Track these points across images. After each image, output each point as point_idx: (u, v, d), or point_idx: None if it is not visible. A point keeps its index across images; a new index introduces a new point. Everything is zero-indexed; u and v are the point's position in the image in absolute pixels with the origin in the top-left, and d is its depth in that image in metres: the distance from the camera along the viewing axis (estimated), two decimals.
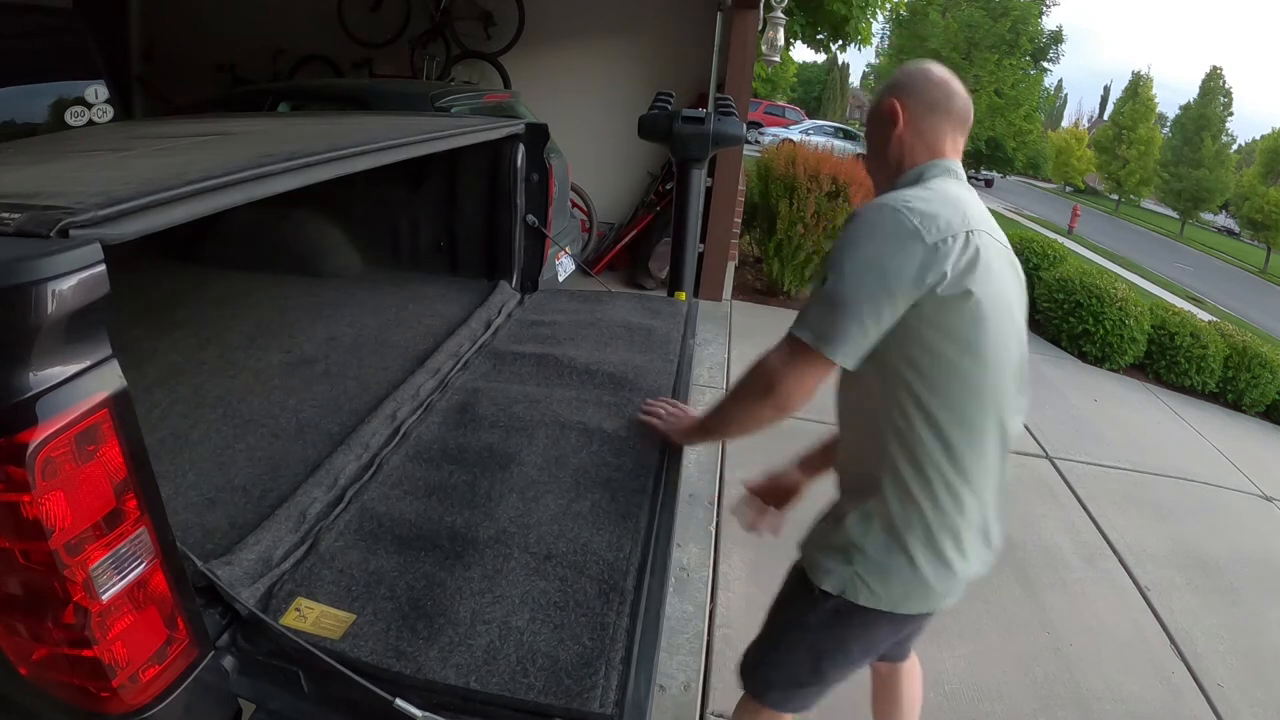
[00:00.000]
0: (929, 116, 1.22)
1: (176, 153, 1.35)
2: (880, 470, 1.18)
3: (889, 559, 1.19)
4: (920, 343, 1.10)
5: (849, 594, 1.21)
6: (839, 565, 1.21)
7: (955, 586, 1.23)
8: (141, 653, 0.85)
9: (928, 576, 1.18)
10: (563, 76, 5.51)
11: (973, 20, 19.38)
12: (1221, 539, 3.46)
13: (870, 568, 1.19)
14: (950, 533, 1.19)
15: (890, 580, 1.19)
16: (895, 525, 1.18)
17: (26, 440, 0.70)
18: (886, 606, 1.20)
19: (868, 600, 1.20)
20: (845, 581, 1.21)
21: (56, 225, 0.73)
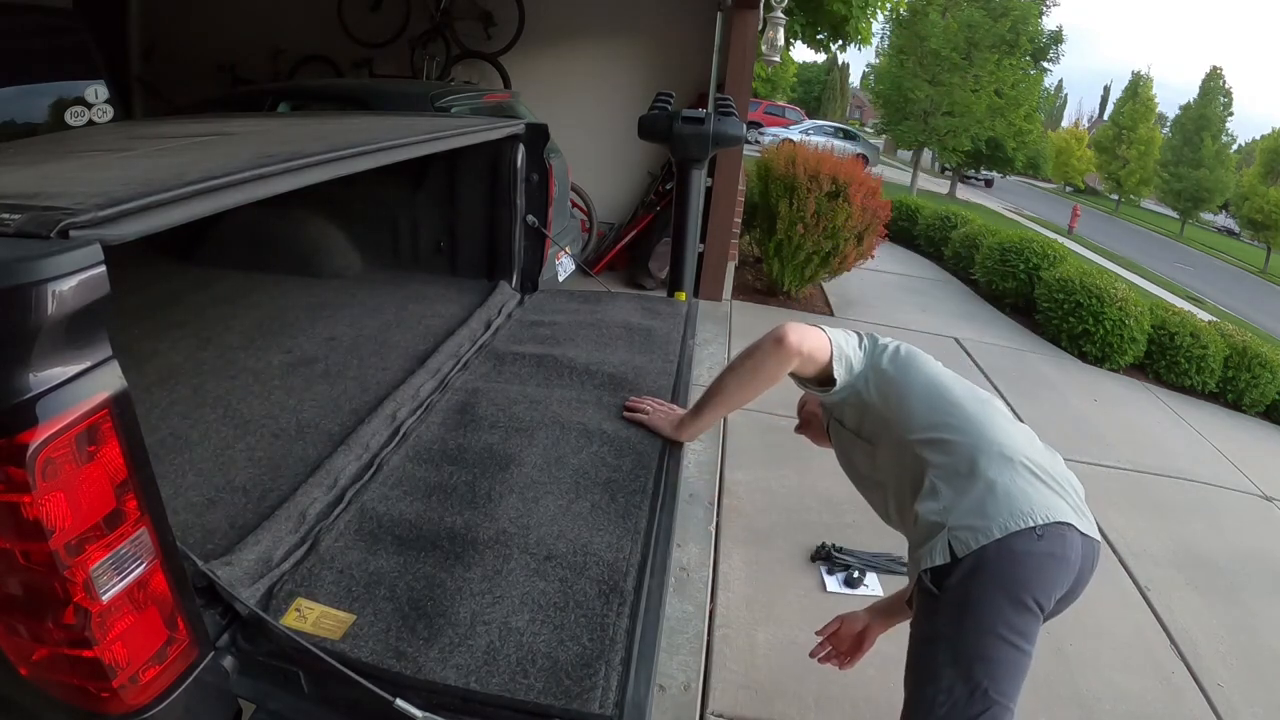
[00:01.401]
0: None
1: (176, 153, 1.35)
2: (920, 466, 1.34)
3: (977, 491, 1.24)
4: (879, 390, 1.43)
5: (958, 549, 1.21)
6: (938, 536, 1.24)
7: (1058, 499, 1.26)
8: (142, 653, 0.85)
9: (1009, 494, 1.23)
10: (563, 76, 5.51)
11: (973, 20, 19.33)
12: (1221, 539, 3.45)
13: (964, 513, 1.23)
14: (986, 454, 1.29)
15: (987, 510, 1.22)
16: (957, 472, 1.28)
17: (27, 441, 0.70)
18: (998, 531, 1.20)
19: (974, 541, 1.20)
20: (949, 542, 1.22)
21: (56, 226, 0.73)
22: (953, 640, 1.21)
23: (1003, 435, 1.33)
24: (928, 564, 1.23)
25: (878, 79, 22.58)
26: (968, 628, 1.21)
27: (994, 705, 1.19)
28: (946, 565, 1.22)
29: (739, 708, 2.04)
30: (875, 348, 1.48)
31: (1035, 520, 1.21)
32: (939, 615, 1.23)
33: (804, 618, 2.41)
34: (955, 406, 1.38)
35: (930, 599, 1.25)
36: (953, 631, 1.21)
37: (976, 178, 32.39)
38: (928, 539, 1.25)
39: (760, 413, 1.36)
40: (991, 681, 1.19)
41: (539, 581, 1.09)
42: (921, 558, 1.26)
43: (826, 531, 2.83)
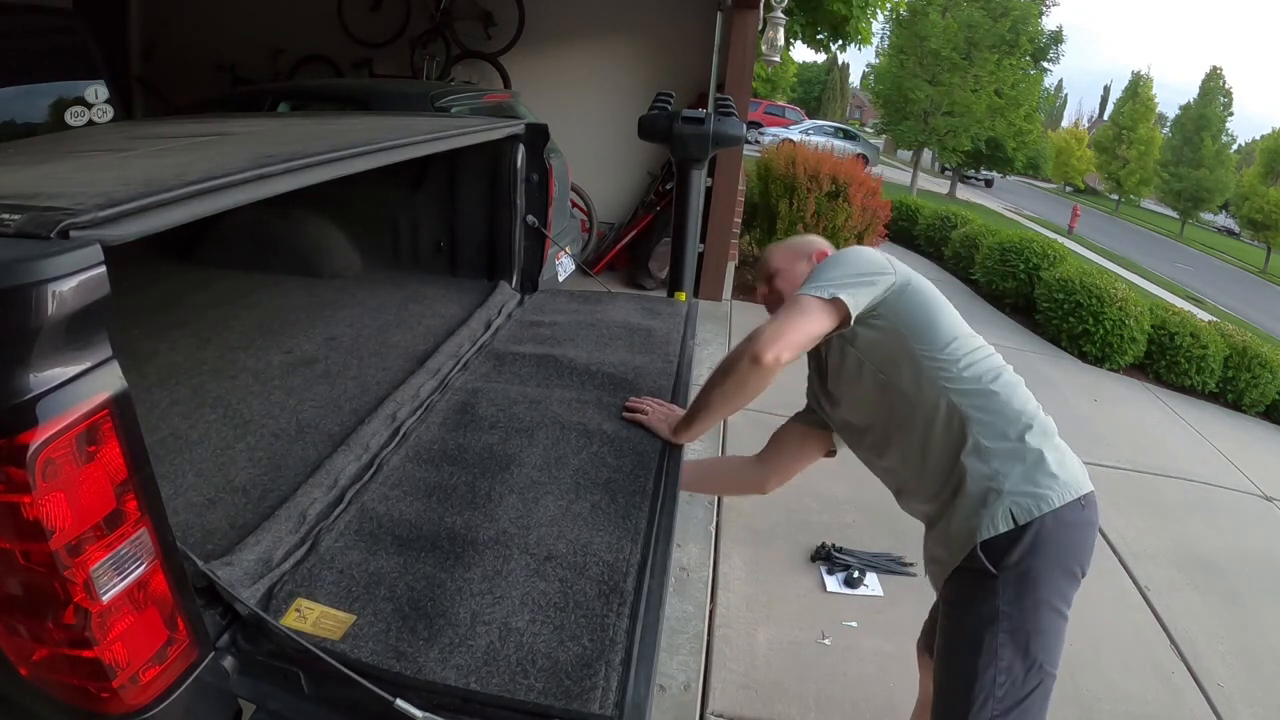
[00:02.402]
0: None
1: (176, 153, 1.35)
2: (958, 408, 1.30)
3: (1029, 466, 1.25)
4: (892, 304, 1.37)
5: (1019, 516, 1.22)
6: (995, 504, 1.23)
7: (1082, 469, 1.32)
8: (142, 653, 0.85)
9: (1062, 462, 1.27)
10: (563, 77, 5.51)
11: (973, 20, 19.32)
12: (1221, 539, 3.46)
13: (1020, 479, 1.24)
14: (1036, 411, 1.33)
15: (1041, 479, 1.24)
16: (1006, 432, 1.27)
17: (27, 441, 0.70)
18: (1059, 502, 1.23)
19: (1040, 508, 1.22)
20: (1010, 509, 1.22)
21: (57, 226, 0.73)
22: (1013, 618, 1.22)
23: (1032, 401, 1.35)
24: (989, 533, 1.22)
25: (878, 79, 22.57)
26: (1028, 605, 1.22)
27: (1046, 678, 1.24)
28: (1004, 537, 1.22)
29: (739, 708, 2.04)
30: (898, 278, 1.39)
31: (1081, 490, 1.26)
32: (998, 595, 1.22)
33: (804, 618, 2.42)
34: (991, 363, 1.36)
35: (985, 579, 1.23)
36: (1014, 610, 1.22)
37: (976, 178, 32.38)
38: (980, 506, 1.24)
39: (761, 413, 1.36)
40: (1045, 654, 1.24)
41: (539, 582, 1.09)
42: (978, 525, 1.23)
43: (826, 531, 2.83)
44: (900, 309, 1.36)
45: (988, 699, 1.22)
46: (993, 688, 1.22)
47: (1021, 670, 1.23)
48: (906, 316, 1.35)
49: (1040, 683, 1.24)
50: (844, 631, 2.39)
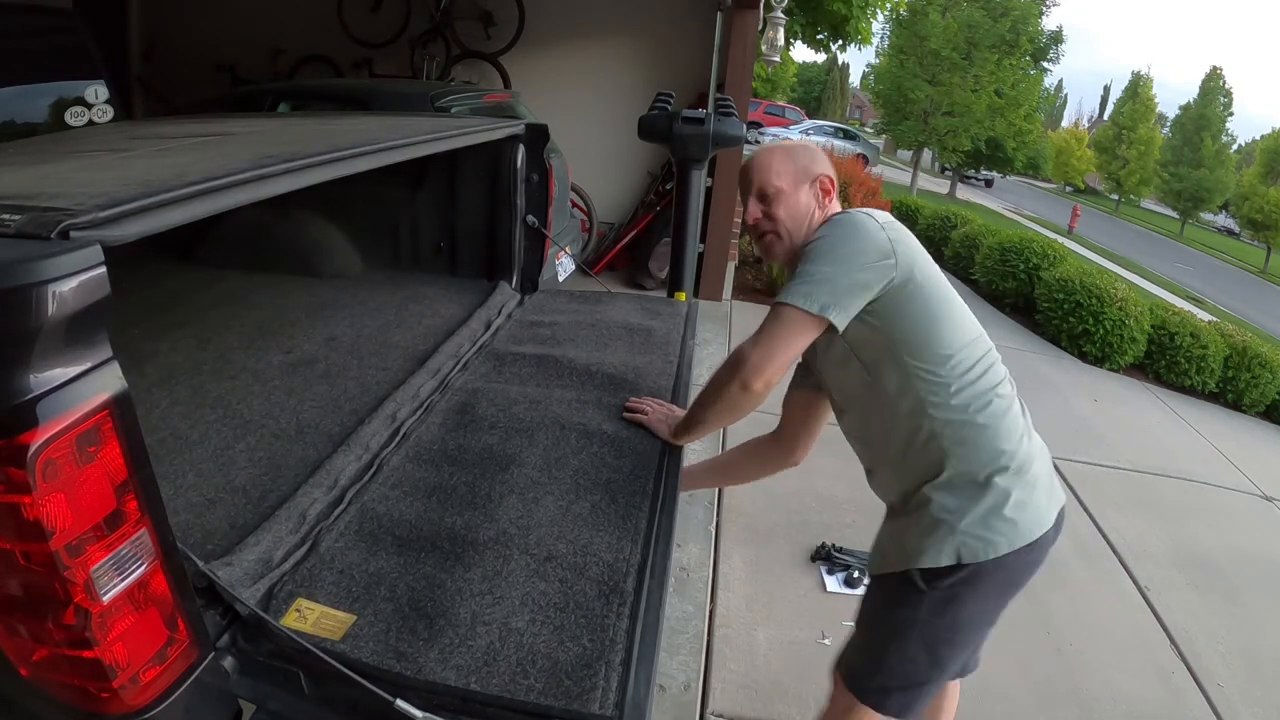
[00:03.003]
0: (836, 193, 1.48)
1: (177, 153, 1.35)
2: (937, 435, 1.26)
3: (987, 507, 1.24)
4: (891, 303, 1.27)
5: (965, 557, 1.24)
6: (946, 538, 1.25)
7: (1049, 506, 1.32)
8: (142, 654, 0.85)
9: (1027, 502, 1.26)
10: (563, 76, 5.51)
11: (973, 20, 19.32)
12: (1221, 539, 3.46)
13: (974, 522, 1.24)
14: (1019, 442, 1.28)
15: (995, 524, 1.24)
16: (975, 473, 1.25)
17: (27, 442, 0.70)
18: (1006, 548, 1.24)
19: (986, 554, 1.24)
20: (958, 548, 1.24)
21: (57, 227, 0.73)
22: (931, 627, 1.29)
23: (1016, 432, 1.29)
24: (932, 564, 1.25)
25: (878, 79, 22.58)
26: (947, 622, 1.29)
27: (945, 674, 1.37)
28: (945, 569, 1.25)
29: (739, 708, 2.04)
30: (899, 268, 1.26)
31: (1034, 536, 1.27)
32: (920, 607, 1.28)
33: (804, 618, 2.42)
34: (985, 384, 1.28)
35: (912, 590, 1.28)
36: (934, 621, 1.29)
37: (976, 178, 32.38)
38: (931, 534, 1.26)
39: (760, 412, 1.37)
40: (951, 657, 1.34)
41: (539, 582, 1.09)
42: (922, 551, 1.26)
43: (826, 531, 2.83)
44: (897, 311, 1.26)
45: (889, 675, 1.35)
46: (896, 669, 1.34)
47: (926, 665, 1.32)
48: (903, 321, 1.26)
49: (939, 676, 1.36)
50: (844, 631, 2.39)
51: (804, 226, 1.39)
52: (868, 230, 1.28)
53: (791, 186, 1.39)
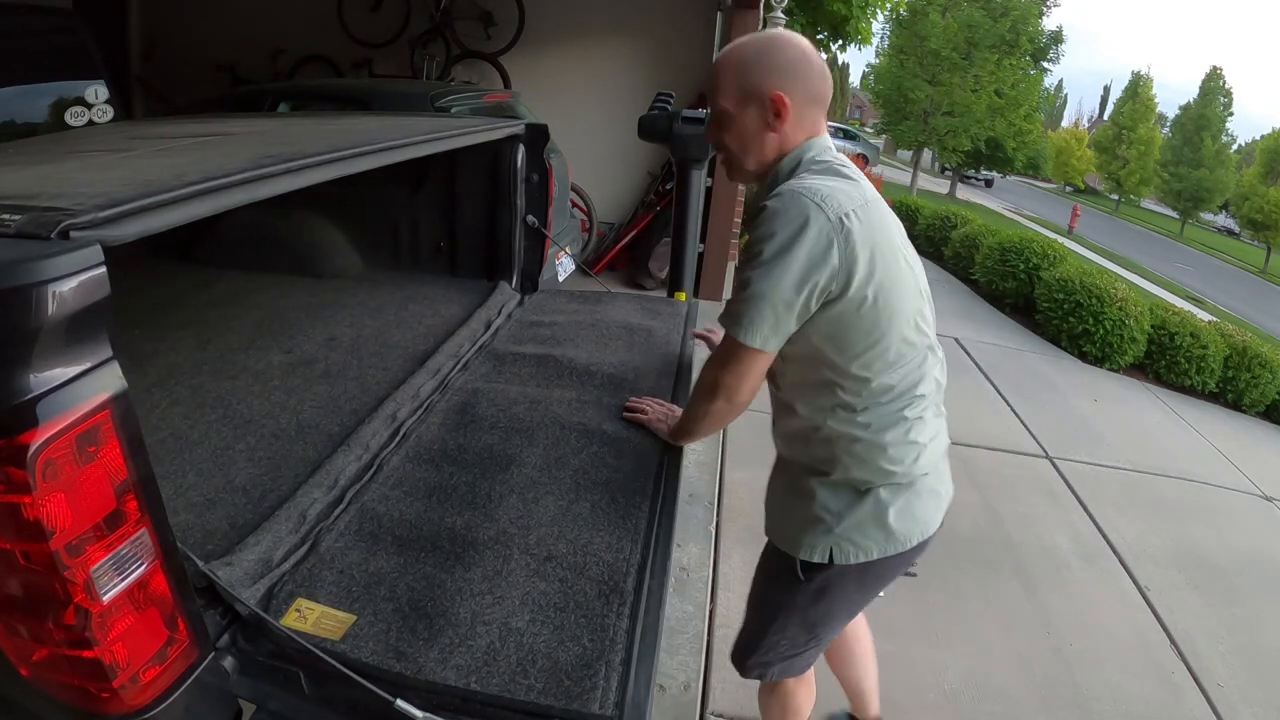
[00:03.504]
0: (812, 106, 1.22)
1: (177, 153, 1.35)
2: (832, 441, 1.24)
3: (864, 513, 1.24)
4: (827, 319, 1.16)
5: (838, 558, 1.26)
6: (822, 536, 1.27)
7: (935, 512, 1.31)
8: (142, 654, 0.85)
9: (906, 516, 1.25)
10: (563, 76, 5.51)
11: (973, 20, 19.32)
12: (1221, 539, 3.46)
13: (850, 527, 1.25)
14: (910, 463, 1.24)
15: (869, 531, 1.25)
16: (859, 482, 1.24)
17: (28, 442, 0.70)
18: (875, 555, 1.26)
19: (857, 558, 1.26)
20: (831, 548, 1.26)
21: (57, 227, 0.73)
22: (806, 612, 1.36)
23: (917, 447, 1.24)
24: (807, 557, 1.28)
25: (878, 79, 22.57)
26: (822, 608, 1.36)
27: (822, 645, 1.45)
28: (819, 564, 1.28)
29: (739, 708, 2.04)
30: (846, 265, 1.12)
31: (911, 544, 1.27)
32: (798, 594, 1.33)
33: None
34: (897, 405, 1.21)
35: (793, 577, 1.32)
36: (809, 607, 1.35)
37: (976, 178, 32.39)
38: (810, 529, 1.28)
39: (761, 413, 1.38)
40: (826, 632, 1.42)
41: (539, 582, 1.09)
42: (800, 544, 1.29)
43: None
44: (828, 325, 1.16)
45: (769, 650, 1.43)
46: (776, 642, 1.41)
47: (803, 640, 1.40)
48: (832, 337, 1.17)
49: (815, 647, 1.44)
50: None
51: (753, 153, 1.24)
52: (810, 235, 1.10)
53: (737, 108, 1.22)
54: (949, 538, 2.99)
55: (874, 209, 1.18)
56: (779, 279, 1.11)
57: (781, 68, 1.19)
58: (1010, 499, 3.40)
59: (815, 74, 1.21)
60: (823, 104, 1.24)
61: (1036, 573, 2.87)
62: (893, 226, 1.23)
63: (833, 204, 1.11)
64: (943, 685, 2.24)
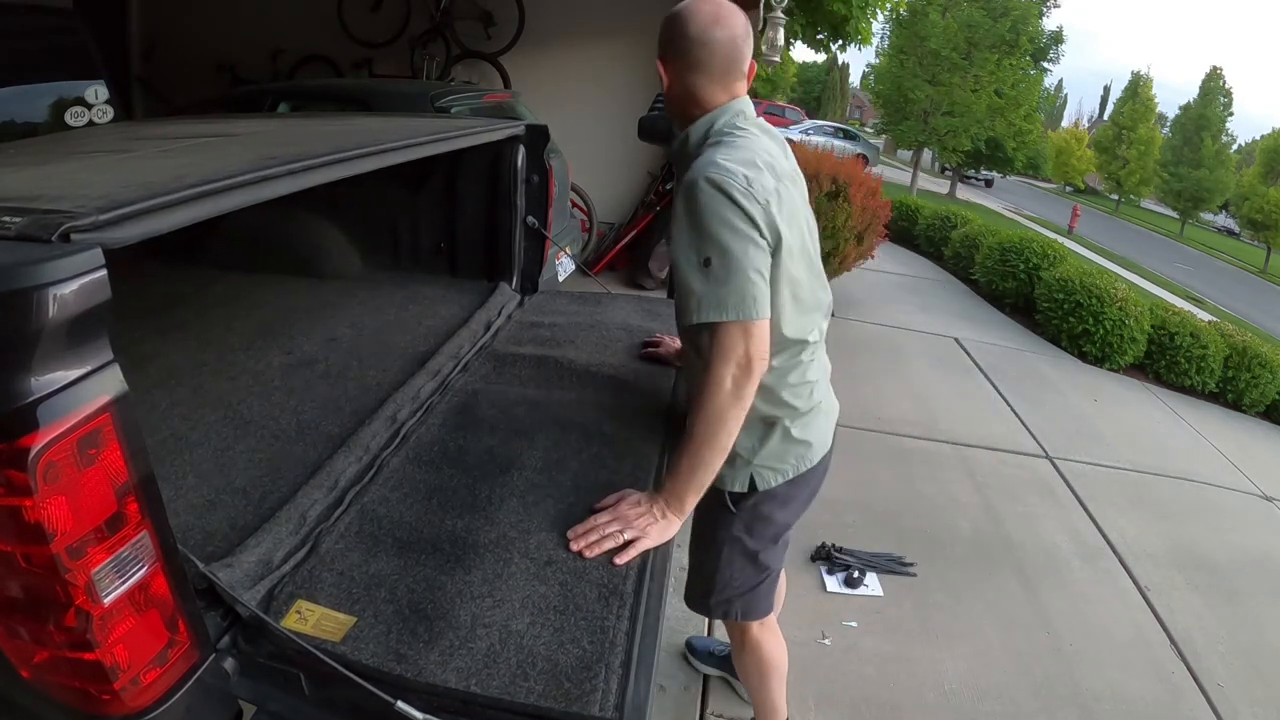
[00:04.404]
0: (719, 70, 1.29)
1: (177, 155, 1.35)
2: None
3: (775, 443, 1.41)
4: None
5: (759, 484, 1.42)
6: (741, 468, 1.42)
7: (828, 429, 1.51)
8: (143, 655, 0.85)
9: (807, 436, 1.43)
10: (563, 76, 5.51)
11: (973, 20, 19.30)
12: (1221, 539, 3.46)
13: (766, 457, 1.41)
14: (808, 398, 1.42)
15: (783, 457, 1.42)
16: (767, 418, 1.39)
17: (28, 445, 0.70)
18: (791, 474, 1.43)
19: (775, 480, 1.43)
20: (752, 475, 1.42)
21: (58, 229, 0.73)
22: (744, 542, 1.48)
23: (811, 381, 1.42)
24: (731, 488, 1.43)
25: (878, 79, 22.55)
26: (757, 533, 1.48)
27: (772, 572, 1.56)
28: (743, 493, 1.44)
29: (739, 708, 2.04)
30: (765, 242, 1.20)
31: (815, 460, 1.46)
32: (733, 525, 1.47)
33: (804, 618, 2.42)
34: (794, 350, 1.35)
35: (725, 511, 1.46)
36: (745, 537, 1.48)
37: (976, 178, 32.36)
38: (730, 465, 1.39)
39: None
40: (770, 559, 1.53)
41: (539, 585, 1.09)
42: (723, 479, 1.41)
43: (826, 531, 2.83)
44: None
45: (725, 586, 1.53)
46: (727, 579, 1.52)
47: (751, 571, 1.52)
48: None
49: (767, 576, 1.55)
50: (844, 631, 2.40)
51: (676, 112, 1.36)
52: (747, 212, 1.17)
53: (661, 66, 1.33)
54: (949, 538, 3.00)
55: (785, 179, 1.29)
56: (733, 260, 1.17)
57: (688, 31, 1.27)
58: (1010, 499, 3.41)
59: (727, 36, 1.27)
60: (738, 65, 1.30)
61: (1036, 572, 2.87)
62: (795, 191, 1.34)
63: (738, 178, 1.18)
64: (943, 685, 2.24)
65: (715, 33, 1.26)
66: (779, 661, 1.71)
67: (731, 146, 1.25)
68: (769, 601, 1.60)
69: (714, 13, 1.27)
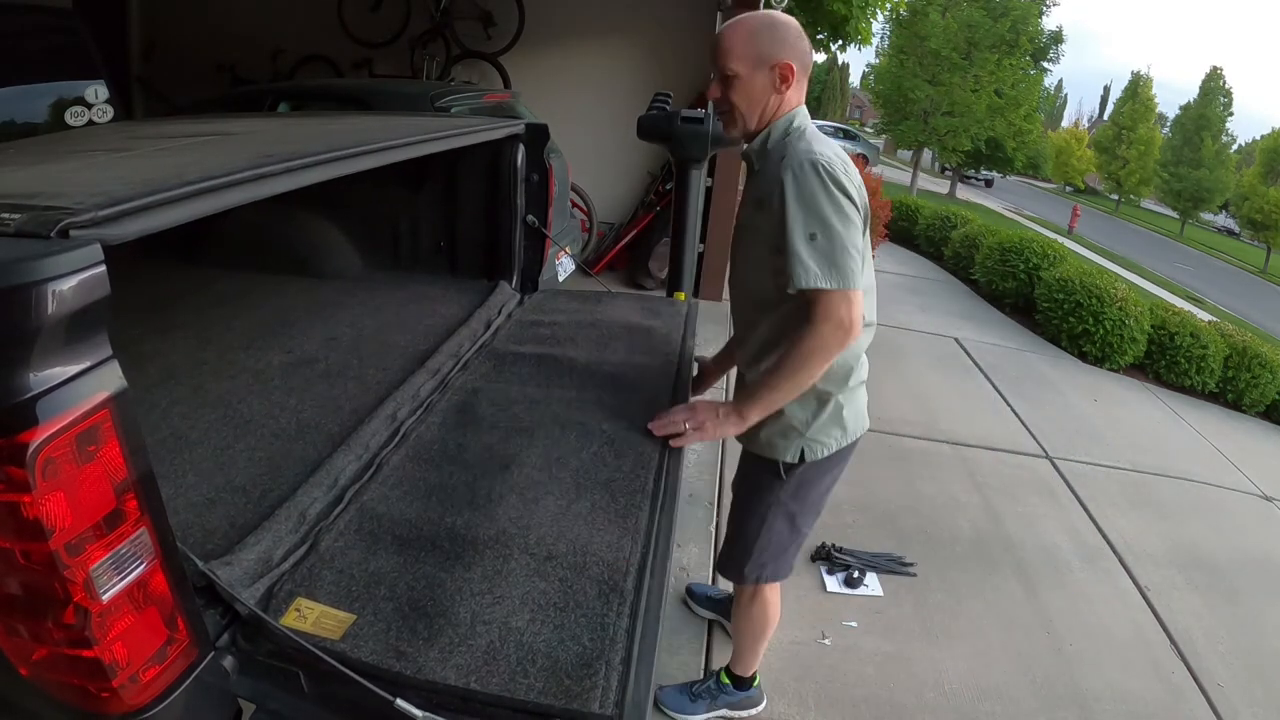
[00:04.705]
0: (804, 76, 1.46)
1: (176, 153, 1.35)
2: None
3: (826, 418, 1.54)
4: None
5: (808, 456, 1.55)
6: (795, 440, 1.55)
7: (865, 409, 1.63)
8: (142, 653, 0.85)
9: (852, 415, 1.57)
10: (563, 76, 5.51)
11: (973, 20, 19.31)
12: (1221, 539, 3.46)
13: (817, 430, 1.54)
14: (858, 376, 1.56)
15: (831, 431, 1.55)
16: (823, 393, 1.51)
17: (27, 441, 0.70)
18: (835, 449, 1.57)
19: (823, 453, 1.56)
20: (803, 448, 1.55)
21: (57, 226, 0.73)
22: (788, 506, 1.63)
23: (861, 351, 1.55)
24: (784, 458, 1.56)
25: (878, 79, 22.57)
26: (800, 497, 1.63)
27: (802, 536, 1.71)
28: (794, 463, 1.57)
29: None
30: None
31: (858, 435, 1.61)
32: (781, 490, 1.61)
33: (804, 618, 2.41)
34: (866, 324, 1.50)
35: (773, 477, 1.60)
36: (790, 501, 1.62)
37: (976, 178, 32.37)
38: (786, 436, 1.55)
39: None
40: (805, 524, 1.68)
41: (539, 581, 1.09)
42: (778, 449, 1.57)
43: (826, 531, 2.83)
44: None
45: (764, 550, 1.68)
46: (766, 543, 1.67)
47: (787, 535, 1.67)
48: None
49: (797, 540, 1.70)
50: (844, 631, 2.39)
51: (758, 113, 1.45)
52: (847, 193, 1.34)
53: (749, 72, 1.41)
54: (949, 538, 3.00)
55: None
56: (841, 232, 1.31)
57: (788, 41, 1.42)
58: (1010, 499, 3.40)
59: (807, 49, 1.45)
60: (809, 71, 1.48)
61: (1036, 572, 2.87)
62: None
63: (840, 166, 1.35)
64: (943, 685, 2.24)
65: (803, 33, 1.45)
66: (775, 619, 1.87)
67: (817, 139, 1.40)
68: (790, 564, 1.75)
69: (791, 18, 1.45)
